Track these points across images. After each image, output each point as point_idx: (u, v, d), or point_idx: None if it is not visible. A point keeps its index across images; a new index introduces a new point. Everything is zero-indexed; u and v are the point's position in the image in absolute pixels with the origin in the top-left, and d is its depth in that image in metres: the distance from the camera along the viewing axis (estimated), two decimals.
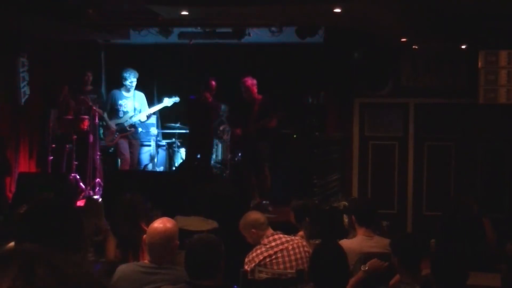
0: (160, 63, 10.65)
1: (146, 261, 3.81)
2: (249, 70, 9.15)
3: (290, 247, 4.69)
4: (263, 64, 10.05)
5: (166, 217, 3.90)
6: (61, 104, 9.42)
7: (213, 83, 9.25)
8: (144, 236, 3.80)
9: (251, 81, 8.60)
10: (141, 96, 9.38)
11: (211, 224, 5.59)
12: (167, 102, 9.35)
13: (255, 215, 4.98)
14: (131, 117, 9.21)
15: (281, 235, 4.79)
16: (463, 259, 3.62)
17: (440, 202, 9.33)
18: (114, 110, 9.28)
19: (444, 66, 9.88)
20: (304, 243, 4.75)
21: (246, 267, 4.69)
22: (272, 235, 4.78)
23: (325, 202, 8.18)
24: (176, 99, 9.37)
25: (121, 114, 9.25)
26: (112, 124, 9.22)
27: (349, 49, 9.52)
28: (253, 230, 4.84)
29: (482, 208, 6.24)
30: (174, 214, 5.67)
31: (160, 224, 3.76)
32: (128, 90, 9.25)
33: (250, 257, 4.72)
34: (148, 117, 9.39)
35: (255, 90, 8.59)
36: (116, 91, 9.35)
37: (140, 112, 9.27)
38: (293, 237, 4.85)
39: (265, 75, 9.27)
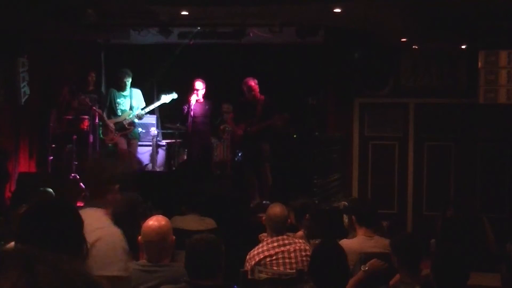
0: (160, 63, 10.65)
1: (144, 260, 3.81)
2: (249, 70, 9.16)
3: (292, 249, 4.69)
4: (263, 64, 10.05)
5: (159, 215, 3.89)
6: (61, 104, 9.42)
7: (195, 83, 9.32)
8: (139, 237, 3.79)
9: (253, 81, 8.66)
10: (137, 93, 9.40)
11: (209, 224, 5.60)
12: (165, 99, 9.35)
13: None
14: (129, 115, 9.23)
15: (285, 236, 4.79)
16: (463, 259, 3.62)
17: (440, 202, 9.33)
18: (111, 109, 9.30)
19: (444, 66, 9.88)
20: (307, 247, 4.74)
21: (247, 264, 4.70)
22: (277, 235, 4.77)
23: (325, 202, 8.18)
24: (174, 95, 9.36)
25: (119, 113, 9.27)
26: (111, 123, 9.23)
27: (349, 49, 9.52)
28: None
29: (482, 208, 6.26)
30: (173, 214, 5.69)
31: (155, 222, 3.75)
32: (124, 89, 9.29)
33: (252, 254, 4.73)
34: (139, 117, 9.34)
35: (258, 90, 8.64)
36: (113, 90, 9.38)
37: (137, 108, 9.30)
38: (296, 240, 4.85)
39: (265, 75, 9.27)
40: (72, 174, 8.88)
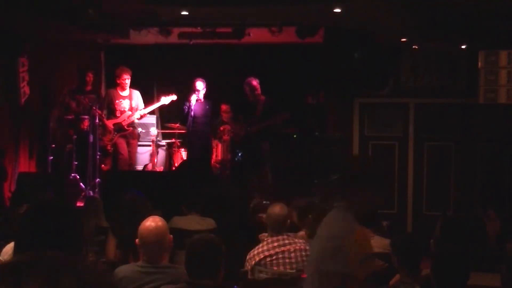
0: (160, 63, 10.65)
1: (141, 261, 3.80)
2: (249, 70, 9.17)
3: (292, 249, 4.69)
4: (263, 64, 10.05)
5: (154, 216, 3.89)
6: (61, 104, 9.42)
7: (196, 82, 9.28)
8: (137, 240, 3.78)
9: (256, 81, 8.69)
10: (137, 94, 9.39)
11: (209, 224, 5.59)
12: (164, 100, 9.35)
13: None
14: (128, 117, 9.23)
15: (285, 236, 4.78)
16: (463, 259, 3.62)
17: (440, 202, 9.33)
18: (111, 110, 9.30)
19: (444, 66, 9.88)
20: (307, 247, 4.74)
21: (247, 264, 4.70)
22: (277, 235, 4.77)
23: (325, 202, 8.17)
24: (173, 97, 9.36)
25: (118, 114, 9.26)
26: (110, 123, 9.23)
27: (349, 49, 9.51)
28: None
29: (482, 208, 6.22)
30: (173, 214, 5.69)
31: (151, 222, 3.75)
32: (123, 89, 9.27)
33: (252, 254, 4.73)
34: (142, 116, 9.35)
35: (259, 90, 8.67)
36: (112, 91, 9.39)
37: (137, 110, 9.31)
38: (296, 240, 4.84)
39: (265, 75, 9.26)
40: (72, 174, 8.88)
